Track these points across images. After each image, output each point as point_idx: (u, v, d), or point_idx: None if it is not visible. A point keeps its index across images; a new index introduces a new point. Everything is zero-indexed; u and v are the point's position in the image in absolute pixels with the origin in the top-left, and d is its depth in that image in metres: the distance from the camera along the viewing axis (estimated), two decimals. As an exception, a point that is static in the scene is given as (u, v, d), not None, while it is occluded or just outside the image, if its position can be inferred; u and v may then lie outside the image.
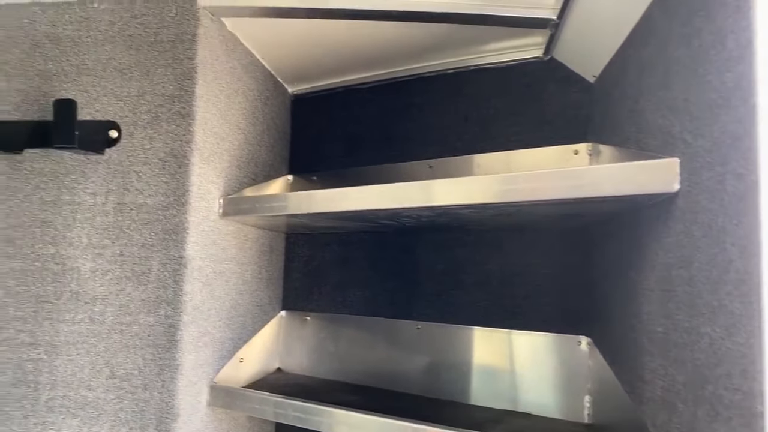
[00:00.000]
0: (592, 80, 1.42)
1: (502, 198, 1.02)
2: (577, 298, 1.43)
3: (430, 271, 1.64)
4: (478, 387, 1.52)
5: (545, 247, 1.47)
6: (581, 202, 0.99)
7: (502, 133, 1.56)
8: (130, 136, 1.34)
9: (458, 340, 1.57)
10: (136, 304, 1.30)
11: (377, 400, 1.54)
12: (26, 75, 1.38)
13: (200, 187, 1.35)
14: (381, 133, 1.78)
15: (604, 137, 1.31)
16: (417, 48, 1.61)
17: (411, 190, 1.14)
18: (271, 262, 1.82)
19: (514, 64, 1.57)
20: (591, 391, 1.36)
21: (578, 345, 1.40)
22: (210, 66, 1.38)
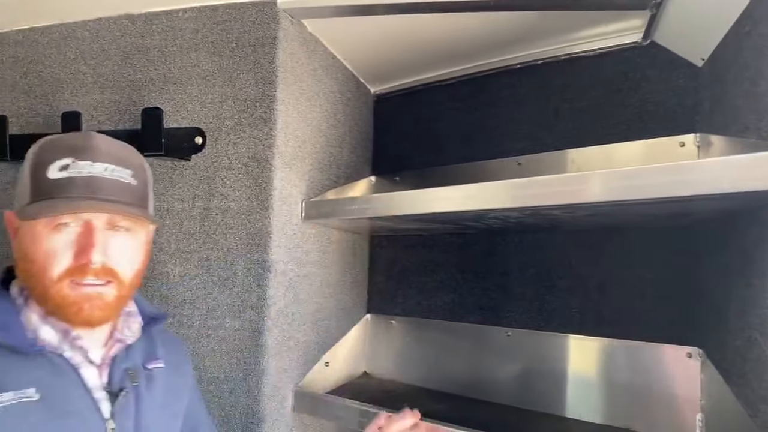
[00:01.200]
0: (699, 63, 1.29)
1: (600, 197, 0.92)
2: (684, 304, 1.29)
3: (521, 274, 1.55)
4: (574, 399, 1.42)
5: (648, 249, 1.35)
6: (690, 200, 0.89)
7: (597, 126, 1.45)
8: (215, 141, 1.35)
9: (551, 347, 1.47)
10: (222, 308, 1.31)
11: (465, 410, 1.48)
12: (118, 86, 1.43)
13: (282, 191, 1.34)
14: (465, 130, 1.71)
15: (715, 127, 1.18)
16: (502, 40, 1.53)
17: (498, 190, 1.07)
18: (354, 264, 1.79)
19: (608, 51, 1.45)
20: (704, 408, 1.23)
21: (688, 357, 1.26)
22: (290, 69, 1.37)
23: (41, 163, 0.79)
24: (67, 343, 0.80)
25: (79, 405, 0.78)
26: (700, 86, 1.29)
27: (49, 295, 0.78)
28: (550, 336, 1.48)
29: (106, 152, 0.83)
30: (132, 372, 0.86)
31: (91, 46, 1.46)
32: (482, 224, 1.37)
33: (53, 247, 0.77)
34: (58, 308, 0.79)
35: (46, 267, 0.77)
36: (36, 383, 0.74)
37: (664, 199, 0.87)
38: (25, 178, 0.81)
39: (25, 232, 0.79)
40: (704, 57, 1.25)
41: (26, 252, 0.79)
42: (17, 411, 0.72)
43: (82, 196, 0.79)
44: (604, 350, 1.39)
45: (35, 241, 0.78)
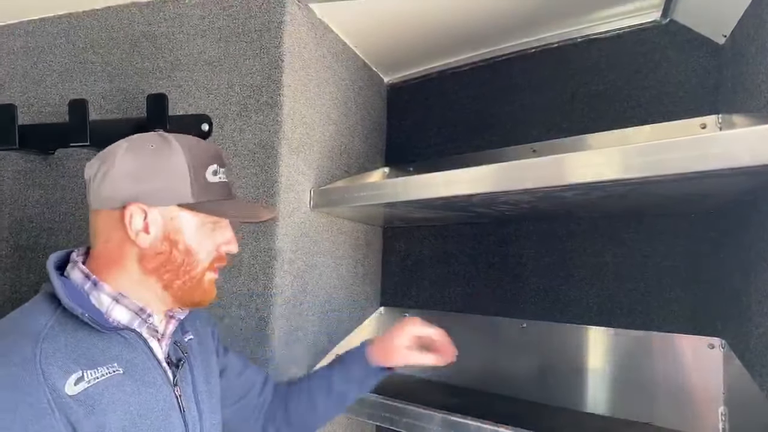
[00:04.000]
0: (721, 41, 1.23)
1: (616, 175, 0.88)
2: (706, 293, 1.24)
3: (536, 264, 1.51)
4: (591, 392, 1.37)
5: (668, 236, 1.29)
6: (709, 177, 0.84)
7: (615, 110, 1.40)
8: (221, 128, 1.34)
9: (568, 339, 1.42)
10: (228, 297, 1.30)
11: (480, 403, 1.44)
12: (126, 74, 1.43)
13: (289, 178, 1.32)
14: (480, 117, 1.67)
15: (738, 105, 1.12)
16: (517, 23, 1.49)
17: (509, 172, 1.03)
18: (367, 256, 1.76)
19: (626, 32, 1.40)
20: (727, 401, 1.17)
21: (710, 348, 1.21)
22: (297, 54, 1.35)
23: (198, 165, 0.86)
24: (138, 321, 0.85)
25: (154, 375, 0.85)
26: (722, 65, 1.23)
27: (195, 282, 0.88)
28: (566, 327, 1.43)
29: (224, 156, 0.94)
30: (181, 344, 0.94)
31: (100, 35, 1.46)
32: (494, 211, 1.33)
33: (212, 240, 0.89)
34: (198, 293, 0.89)
35: (201, 259, 0.87)
36: (117, 358, 0.80)
37: (683, 175, 0.82)
38: (180, 175, 0.85)
39: (183, 225, 0.86)
40: (726, 34, 1.20)
41: (185, 244, 0.86)
42: (114, 383, 0.78)
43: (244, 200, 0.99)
44: (622, 342, 1.34)
45: (198, 234, 0.87)
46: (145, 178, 0.83)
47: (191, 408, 0.90)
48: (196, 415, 0.91)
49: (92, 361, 0.77)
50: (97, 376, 0.76)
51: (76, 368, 0.74)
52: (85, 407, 0.73)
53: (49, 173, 1.48)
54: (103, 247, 0.85)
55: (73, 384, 0.73)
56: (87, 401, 0.73)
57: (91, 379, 0.75)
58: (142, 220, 0.83)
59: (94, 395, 0.74)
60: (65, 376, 0.73)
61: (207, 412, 0.94)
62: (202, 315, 1.09)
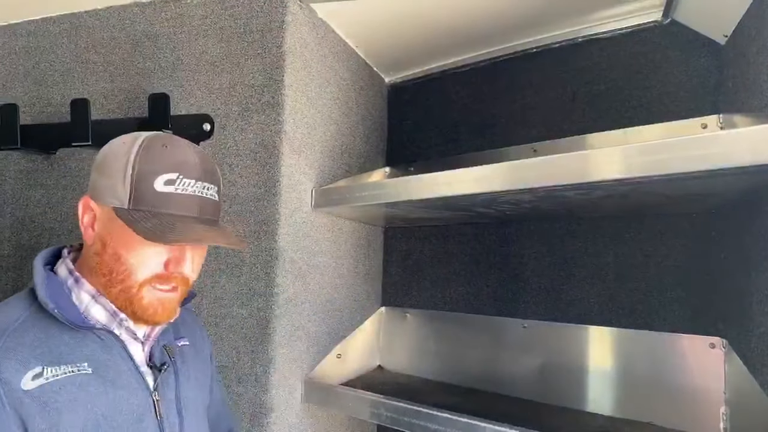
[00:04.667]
0: (722, 41, 1.23)
1: (618, 174, 0.88)
2: (708, 293, 1.24)
3: (537, 264, 1.51)
4: (592, 392, 1.37)
5: (669, 236, 1.30)
6: (711, 176, 0.84)
7: (616, 110, 1.40)
8: (222, 128, 1.34)
9: (569, 339, 1.42)
10: (229, 296, 1.30)
11: (481, 403, 1.44)
12: (128, 74, 1.43)
13: (291, 178, 1.32)
14: (481, 117, 1.67)
15: (739, 105, 1.13)
16: (518, 23, 1.49)
17: (510, 171, 1.03)
18: (368, 256, 1.76)
19: (627, 32, 1.40)
20: (728, 401, 1.17)
21: (711, 348, 1.21)
22: (299, 54, 1.35)
23: (147, 171, 0.80)
24: (116, 323, 0.84)
25: (128, 378, 0.83)
26: (724, 64, 1.23)
27: (130, 295, 0.82)
28: (567, 327, 1.43)
29: (203, 170, 0.85)
30: (169, 348, 0.92)
31: (102, 35, 1.46)
32: (495, 211, 1.33)
33: (147, 255, 0.81)
34: (135, 308, 0.83)
35: (134, 271, 0.81)
36: (88, 358, 0.79)
37: (684, 175, 0.82)
38: (124, 178, 0.80)
39: (117, 230, 0.80)
40: (727, 33, 1.20)
41: (115, 250, 0.81)
42: (76, 381, 0.76)
43: (189, 216, 0.82)
44: (623, 342, 1.34)
45: (130, 244, 0.80)
46: (101, 171, 0.83)
47: (171, 415, 0.88)
48: (176, 422, 0.89)
49: (57, 359, 0.76)
50: (58, 374, 0.75)
51: (36, 364, 0.74)
52: (39, 404, 0.72)
53: (51, 173, 1.48)
54: None
55: (30, 379, 0.72)
56: (42, 397, 0.72)
57: (50, 376, 0.74)
58: (89, 215, 0.83)
59: (51, 393, 0.73)
60: (23, 371, 0.72)
61: (191, 421, 0.92)
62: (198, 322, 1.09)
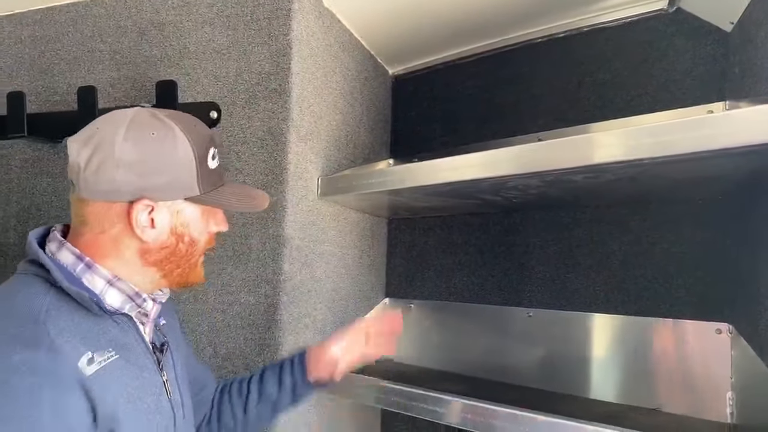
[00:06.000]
0: (728, 28, 1.24)
1: (625, 156, 0.89)
2: (714, 279, 1.24)
3: (542, 252, 1.51)
4: (598, 379, 1.38)
5: (675, 223, 1.30)
6: (718, 156, 0.84)
7: (622, 99, 1.40)
8: (230, 116, 1.34)
9: (575, 327, 1.43)
10: (237, 283, 1.30)
11: (486, 391, 1.44)
12: (134, 62, 1.43)
13: (297, 166, 1.32)
14: (486, 108, 1.67)
15: (746, 91, 1.13)
16: (523, 13, 1.49)
17: (517, 155, 1.03)
18: (372, 247, 1.77)
19: (633, 21, 1.40)
20: (735, 386, 1.17)
21: (717, 333, 1.21)
22: (305, 42, 1.35)
23: (202, 152, 0.83)
24: (130, 305, 0.83)
25: (144, 360, 0.84)
26: (730, 51, 1.24)
27: (191, 267, 0.89)
28: (573, 315, 1.43)
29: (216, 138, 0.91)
30: (159, 328, 0.93)
31: (108, 23, 1.46)
32: (502, 198, 1.33)
33: (208, 229, 0.89)
34: (190, 278, 0.90)
35: (201, 247, 0.89)
36: (112, 343, 0.78)
37: (693, 155, 0.83)
38: (188, 168, 0.82)
39: (189, 218, 0.85)
40: (733, 20, 1.20)
41: (191, 236, 0.86)
42: (116, 366, 0.77)
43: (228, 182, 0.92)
44: (629, 328, 1.34)
45: (200, 224, 0.87)
46: (150, 171, 0.79)
47: (175, 392, 0.90)
48: (179, 399, 0.91)
49: (94, 344, 0.75)
50: (102, 359, 0.74)
51: (85, 349, 0.73)
52: (101, 388, 0.72)
53: (57, 161, 1.48)
54: (95, 236, 0.81)
55: (86, 364, 0.72)
56: (101, 381, 0.72)
57: (101, 360, 0.74)
58: (147, 215, 0.80)
59: (105, 377, 0.73)
60: (77, 356, 0.71)
61: (186, 396, 0.94)
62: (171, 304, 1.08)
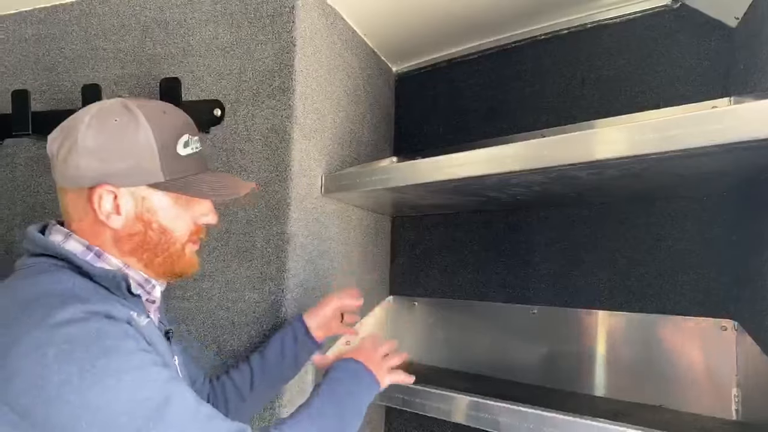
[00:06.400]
0: (733, 23, 1.23)
1: (630, 151, 0.88)
2: (719, 276, 1.24)
3: (546, 250, 1.51)
4: (603, 376, 1.38)
5: (679, 219, 1.30)
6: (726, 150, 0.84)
7: (625, 95, 1.40)
8: (234, 113, 1.34)
9: (579, 324, 1.43)
10: (241, 280, 1.30)
11: (490, 388, 1.44)
12: (138, 60, 1.43)
13: (302, 163, 1.32)
14: (489, 105, 1.67)
15: (750, 87, 1.13)
16: (526, 10, 1.49)
17: (522, 151, 1.03)
18: (376, 245, 1.77)
19: (637, 17, 1.40)
20: (740, 383, 1.17)
21: (722, 330, 1.21)
22: (309, 39, 1.35)
23: (167, 138, 0.83)
24: (142, 291, 0.86)
25: (161, 344, 0.85)
26: (735, 47, 1.23)
27: (175, 257, 0.87)
28: (577, 312, 1.43)
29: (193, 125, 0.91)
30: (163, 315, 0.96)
31: (112, 22, 1.46)
32: (505, 195, 1.33)
33: (188, 218, 0.88)
34: (177, 268, 0.89)
35: (179, 235, 0.87)
36: None
37: (699, 150, 0.83)
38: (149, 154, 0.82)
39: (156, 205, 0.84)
40: (738, 16, 1.20)
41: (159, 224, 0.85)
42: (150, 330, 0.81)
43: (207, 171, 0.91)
44: (634, 325, 1.34)
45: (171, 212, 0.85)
46: (111, 156, 0.80)
47: (184, 376, 0.93)
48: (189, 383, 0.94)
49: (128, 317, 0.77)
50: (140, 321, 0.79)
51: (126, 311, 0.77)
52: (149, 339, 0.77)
53: (62, 160, 1.49)
54: (78, 226, 0.84)
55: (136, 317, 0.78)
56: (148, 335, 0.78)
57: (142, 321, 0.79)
58: (111, 201, 0.81)
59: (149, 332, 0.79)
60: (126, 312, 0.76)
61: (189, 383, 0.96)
62: None
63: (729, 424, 1.16)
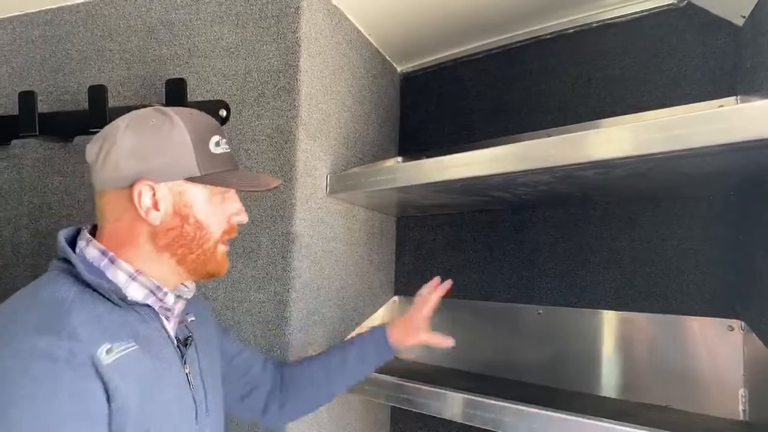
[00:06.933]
0: (740, 22, 1.23)
1: (635, 151, 0.88)
2: (725, 275, 1.24)
3: (552, 249, 1.50)
4: (609, 377, 1.37)
5: (686, 219, 1.29)
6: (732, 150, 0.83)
7: (631, 94, 1.40)
8: (239, 114, 1.34)
9: (585, 324, 1.42)
10: (246, 280, 1.30)
11: (496, 388, 1.44)
12: (144, 61, 1.44)
13: (306, 164, 1.33)
14: (494, 104, 1.67)
15: (757, 86, 1.12)
16: (532, 9, 1.49)
17: (527, 151, 1.03)
18: (381, 245, 1.77)
19: (643, 16, 1.39)
20: (747, 383, 1.17)
21: (729, 330, 1.20)
22: (314, 40, 1.35)
23: (200, 138, 0.86)
24: (153, 298, 0.86)
25: (167, 352, 0.86)
26: (742, 45, 1.23)
27: (208, 255, 0.89)
28: (582, 313, 1.43)
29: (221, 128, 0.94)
30: (186, 324, 0.95)
31: (118, 23, 1.47)
32: (511, 195, 1.33)
33: (222, 213, 0.90)
34: (210, 267, 0.91)
35: (213, 231, 0.89)
36: (133, 335, 0.81)
37: (705, 149, 0.82)
38: (184, 149, 0.85)
39: (192, 199, 0.86)
40: (745, 14, 1.19)
41: (195, 218, 0.87)
42: (133, 357, 0.79)
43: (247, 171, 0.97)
44: (640, 326, 1.33)
45: (207, 207, 0.88)
46: (149, 154, 0.83)
47: (198, 386, 0.92)
48: (202, 393, 0.92)
49: (114, 335, 0.78)
50: (121, 349, 0.77)
51: (104, 339, 0.76)
52: (120, 376, 0.74)
53: (68, 160, 1.49)
54: (113, 227, 0.85)
55: (105, 354, 0.74)
56: (118, 371, 0.75)
57: (118, 351, 0.76)
58: (150, 197, 0.83)
59: (122, 367, 0.76)
60: (97, 345, 0.74)
61: (210, 391, 0.95)
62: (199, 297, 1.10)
63: (736, 425, 1.16)
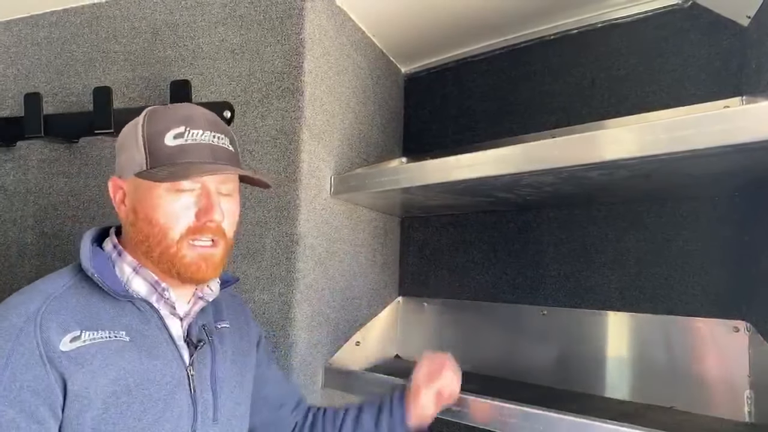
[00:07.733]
0: (745, 22, 1.22)
1: (640, 152, 0.88)
2: (730, 277, 1.23)
3: (556, 250, 1.50)
4: (613, 378, 1.36)
5: (691, 219, 1.29)
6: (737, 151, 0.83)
7: (636, 95, 1.39)
8: (243, 115, 1.35)
9: (590, 325, 1.42)
10: (251, 281, 1.31)
11: (500, 390, 1.43)
12: (149, 62, 1.44)
13: (311, 164, 1.33)
14: (498, 105, 1.66)
15: (762, 87, 1.12)
16: (536, 10, 1.49)
17: (532, 152, 1.03)
18: (385, 245, 1.77)
19: (648, 16, 1.39)
20: (753, 384, 1.16)
21: (735, 331, 1.20)
22: (318, 41, 1.35)
23: (156, 131, 0.84)
24: (156, 295, 0.86)
25: (164, 350, 0.85)
26: (747, 46, 1.22)
27: (170, 255, 0.84)
28: (588, 313, 1.42)
29: (209, 121, 0.89)
30: (208, 328, 0.94)
31: (123, 25, 1.48)
32: (515, 195, 1.33)
33: (176, 209, 0.83)
34: (178, 268, 0.85)
35: (168, 228, 0.83)
36: (126, 327, 0.82)
37: (710, 150, 0.82)
38: (137, 145, 0.85)
39: (143, 195, 0.84)
40: (750, 14, 1.19)
41: (146, 214, 0.84)
42: (112, 347, 0.80)
43: (205, 161, 0.85)
44: (645, 327, 1.33)
45: (157, 203, 0.83)
46: (119, 151, 0.89)
47: (204, 391, 0.89)
48: (209, 399, 0.90)
49: (96, 324, 0.80)
50: (95, 338, 0.79)
51: (75, 328, 0.78)
52: (75, 364, 0.76)
53: (73, 161, 1.50)
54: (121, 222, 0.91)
55: (68, 341, 0.77)
56: (78, 359, 0.76)
57: (87, 340, 0.78)
58: (120, 194, 0.87)
59: (87, 355, 0.77)
60: (63, 333, 0.77)
61: (226, 400, 0.93)
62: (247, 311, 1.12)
63: (741, 426, 1.15)
